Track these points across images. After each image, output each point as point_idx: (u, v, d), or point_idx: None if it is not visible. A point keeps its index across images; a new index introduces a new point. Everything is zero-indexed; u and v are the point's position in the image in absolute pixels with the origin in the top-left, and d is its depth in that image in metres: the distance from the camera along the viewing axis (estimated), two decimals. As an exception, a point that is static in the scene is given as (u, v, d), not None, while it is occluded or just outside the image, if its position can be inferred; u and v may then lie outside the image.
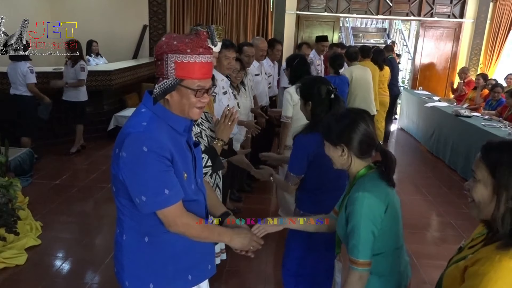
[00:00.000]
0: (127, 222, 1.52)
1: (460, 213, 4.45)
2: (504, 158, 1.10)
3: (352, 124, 1.58)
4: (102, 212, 4.25)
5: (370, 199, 1.50)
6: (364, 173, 1.60)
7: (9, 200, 3.50)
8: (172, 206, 1.42)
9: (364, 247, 1.50)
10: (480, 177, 1.14)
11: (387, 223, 1.53)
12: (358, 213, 1.50)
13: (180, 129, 1.50)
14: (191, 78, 1.41)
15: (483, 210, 1.16)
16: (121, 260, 1.55)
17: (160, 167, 1.38)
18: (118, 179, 1.44)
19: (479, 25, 8.31)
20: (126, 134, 1.40)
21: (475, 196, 1.16)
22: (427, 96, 7.50)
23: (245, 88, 4.01)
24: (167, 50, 1.40)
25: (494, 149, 1.14)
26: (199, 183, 1.61)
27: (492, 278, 1.06)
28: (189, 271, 1.58)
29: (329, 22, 8.34)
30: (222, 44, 2.95)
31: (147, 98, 1.49)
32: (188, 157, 1.53)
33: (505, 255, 1.07)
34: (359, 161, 1.61)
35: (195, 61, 1.40)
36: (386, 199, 1.52)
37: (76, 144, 5.83)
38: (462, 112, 5.95)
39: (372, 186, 1.54)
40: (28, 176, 4.74)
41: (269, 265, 3.31)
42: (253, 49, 4.21)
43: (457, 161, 5.76)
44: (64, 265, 3.28)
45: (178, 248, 1.53)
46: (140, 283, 1.53)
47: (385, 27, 13.35)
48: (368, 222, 1.49)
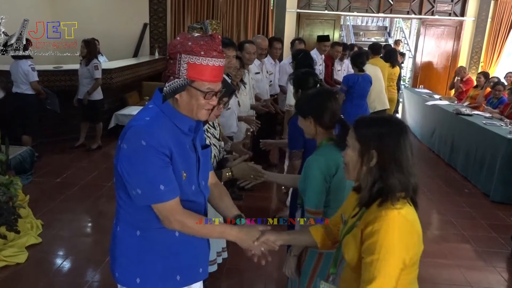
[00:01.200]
0: (122, 214, 1.54)
1: (460, 211, 4.46)
2: (367, 129, 1.36)
3: (319, 101, 1.93)
4: (103, 210, 4.25)
5: (319, 161, 1.86)
6: (325, 143, 1.94)
7: (9, 198, 3.50)
8: (167, 202, 1.43)
9: (315, 198, 1.82)
10: (350, 143, 1.39)
11: (336, 182, 1.85)
12: (310, 171, 1.85)
13: (185, 128, 1.50)
14: (201, 80, 1.42)
15: (351, 171, 1.40)
16: (114, 251, 1.59)
17: (157, 162, 1.39)
18: (117, 171, 1.46)
19: (480, 23, 8.30)
20: (129, 127, 1.43)
21: (346, 158, 1.42)
22: (428, 95, 7.50)
23: (245, 86, 4.01)
24: (181, 50, 1.40)
25: (362, 122, 1.40)
26: (201, 185, 1.60)
27: (387, 229, 1.24)
28: (178, 271, 1.57)
29: (330, 21, 8.33)
30: (222, 42, 2.93)
31: (157, 95, 1.50)
32: (191, 157, 1.53)
33: (388, 208, 1.27)
34: (323, 132, 1.94)
35: (207, 64, 1.41)
36: (335, 163, 1.83)
37: (96, 141, 5.95)
38: (463, 110, 5.94)
39: (325, 152, 1.90)
40: (29, 175, 4.73)
41: (270, 264, 3.30)
42: (254, 46, 4.20)
43: (458, 160, 5.76)
44: (64, 263, 3.28)
45: (169, 247, 1.53)
46: (129, 275, 1.55)
47: (386, 25, 13.34)
48: (318, 179, 1.83)
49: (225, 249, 2.97)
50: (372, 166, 1.32)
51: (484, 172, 5.02)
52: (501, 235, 3.98)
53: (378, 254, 1.23)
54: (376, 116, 1.44)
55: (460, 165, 5.67)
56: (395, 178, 1.29)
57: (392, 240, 1.23)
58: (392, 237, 1.23)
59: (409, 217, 1.28)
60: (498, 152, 4.78)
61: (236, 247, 1.65)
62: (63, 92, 5.82)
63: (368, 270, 1.25)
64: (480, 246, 3.79)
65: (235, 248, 3.23)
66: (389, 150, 1.30)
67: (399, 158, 1.31)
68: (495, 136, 4.90)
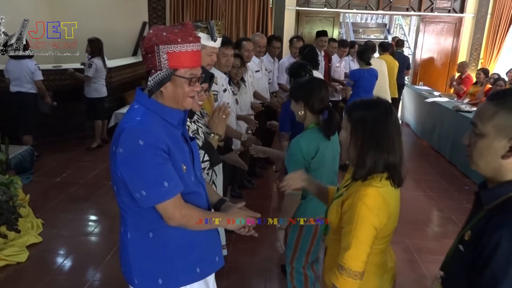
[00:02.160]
0: (130, 220, 1.52)
1: (460, 208, 4.45)
2: (356, 111, 1.48)
3: (310, 88, 2.17)
4: (103, 209, 4.25)
5: (300, 142, 2.12)
6: (311, 126, 2.18)
7: (10, 198, 3.50)
8: (172, 198, 1.42)
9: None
10: (344, 125, 1.51)
11: (315, 164, 2.11)
12: (292, 150, 2.12)
13: (174, 122, 1.50)
14: (184, 67, 1.43)
15: (345, 151, 1.52)
16: (127, 259, 1.55)
17: (157, 160, 1.39)
18: (117, 178, 1.44)
19: (479, 20, 8.27)
20: (121, 130, 1.41)
21: (340, 139, 1.54)
22: (428, 92, 7.49)
23: (245, 84, 4.00)
24: (157, 42, 1.40)
25: (353, 105, 1.52)
26: (198, 176, 1.62)
27: (362, 205, 1.38)
28: (197, 264, 1.58)
29: (329, 18, 8.31)
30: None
31: (139, 94, 1.50)
32: (185, 149, 1.53)
33: (368, 185, 1.41)
34: (311, 116, 2.18)
35: (186, 50, 1.42)
36: (316, 146, 2.10)
37: (96, 139, 6.04)
38: (462, 107, 5.93)
39: (309, 135, 2.15)
40: (29, 174, 4.74)
41: (270, 261, 3.31)
42: (251, 43, 4.19)
43: (458, 156, 5.76)
44: (65, 262, 3.28)
45: (183, 241, 1.53)
46: (150, 279, 1.53)
47: (385, 22, 13.31)
48: (297, 157, 2.08)
49: (224, 247, 2.98)
50: (359, 145, 1.44)
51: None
52: (501, 232, 3.97)
53: (354, 225, 1.40)
54: (365, 99, 1.53)
55: (461, 162, 5.66)
56: (375, 156, 1.41)
57: (366, 211, 1.38)
58: (366, 209, 1.38)
59: (386, 197, 1.41)
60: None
61: (236, 245, 1.66)
62: (61, 92, 5.83)
63: (346, 238, 1.42)
64: (481, 242, 3.78)
65: (235, 245, 3.25)
66: (371, 129, 1.42)
67: (381, 137, 1.42)
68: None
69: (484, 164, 1.16)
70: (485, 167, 1.16)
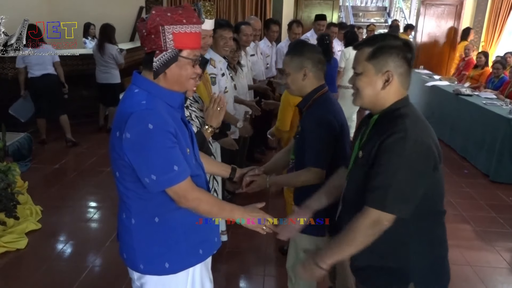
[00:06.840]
0: (134, 206, 1.50)
1: (459, 192, 4.46)
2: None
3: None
4: (102, 195, 4.24)
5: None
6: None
7: (8, 185, 3.50)
8: (182, 182, 1.41)
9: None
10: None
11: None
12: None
13: (176, 105, 1.49)
14: (189, 48, 1.42)
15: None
16: (131, 244, 1.53)
17: (166, 143, 1.37)
18: (122, 163, 1.42)
19: (480, 2, 8.17)
20: (128, 115, 1.37)
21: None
22: (428, 75, 7.43)
23: (242, 68, 3.95)
24: (162, 22, 1.37)
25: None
26: (198, 158, 1.62)
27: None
28: (200, 245, 1.59)
29: (329, 1, 8.20)
30: (217, 24, 2.87)
31: (136, 78, 1.47)
32: (186, 132, 1.53)
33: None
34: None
35: (191, 32, 1.41)
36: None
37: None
38: (463, 91, 5.89)
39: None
40: (27, 161, 4.73)
41: (270, 246, 3.32)
42: (250, 28, 4.14)
43: (457, 140, 5.74)
44: (64, 248, 3.29)
45: (188, 223, 1.54)
46: (156, 263, 1.52)
47: (385, 5, 13.15)
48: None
49: (224, 232, 2.98)
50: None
51: (484, 152, 5.01)
52: (500, 215, 3.99)
53: None
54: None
55: (460, 145, 5.65)
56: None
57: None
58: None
59: None
60: (498, 132, 4.76)
61: (236, 230, 1.65)
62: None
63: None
64: (480, 226, 3.80)
65: (235, 231, 3.25)
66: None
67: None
68: (495, 116, 4.87)
69: (367, 97, 1.44)
70: (368, 100, 1.45)
